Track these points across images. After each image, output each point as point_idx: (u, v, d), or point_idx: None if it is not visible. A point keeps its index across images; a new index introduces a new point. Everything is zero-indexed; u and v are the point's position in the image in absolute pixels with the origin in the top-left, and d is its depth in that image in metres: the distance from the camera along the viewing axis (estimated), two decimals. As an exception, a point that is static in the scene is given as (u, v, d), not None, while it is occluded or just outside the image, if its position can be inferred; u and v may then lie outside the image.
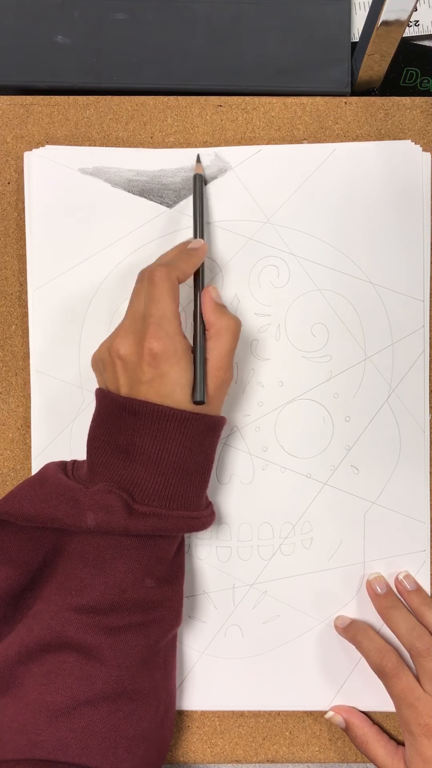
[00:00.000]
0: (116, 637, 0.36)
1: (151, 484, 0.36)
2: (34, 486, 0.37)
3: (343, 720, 0.44)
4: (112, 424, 0.37)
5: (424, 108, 0.46)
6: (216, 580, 0.45)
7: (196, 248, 0.41)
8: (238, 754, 0.45)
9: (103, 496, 0.36)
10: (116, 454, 0.37)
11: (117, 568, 0.36)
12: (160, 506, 0.36)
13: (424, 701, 0.39)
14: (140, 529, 0.36)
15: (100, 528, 0.35)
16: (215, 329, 0.39)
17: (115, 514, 0.35)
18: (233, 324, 0.39)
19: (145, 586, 0.37)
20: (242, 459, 0.45)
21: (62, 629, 0.36)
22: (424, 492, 0.45)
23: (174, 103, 0.46)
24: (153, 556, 0.37)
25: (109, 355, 0.38)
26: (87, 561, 0.36)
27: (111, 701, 0.36)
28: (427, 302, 0.45)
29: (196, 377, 0.38)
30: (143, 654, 0.37)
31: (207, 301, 0.40)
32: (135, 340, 0.37)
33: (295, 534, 0.45)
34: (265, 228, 0.45)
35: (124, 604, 0.36)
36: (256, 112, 0.46)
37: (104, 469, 0.37)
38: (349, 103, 0.46)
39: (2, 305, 0.46)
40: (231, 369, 0.39)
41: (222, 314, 0.39)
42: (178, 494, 0.37)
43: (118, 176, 0.45)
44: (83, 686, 0.35)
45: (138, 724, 0.37)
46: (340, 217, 0.45)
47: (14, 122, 0.46)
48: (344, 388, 0.45)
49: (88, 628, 0.36)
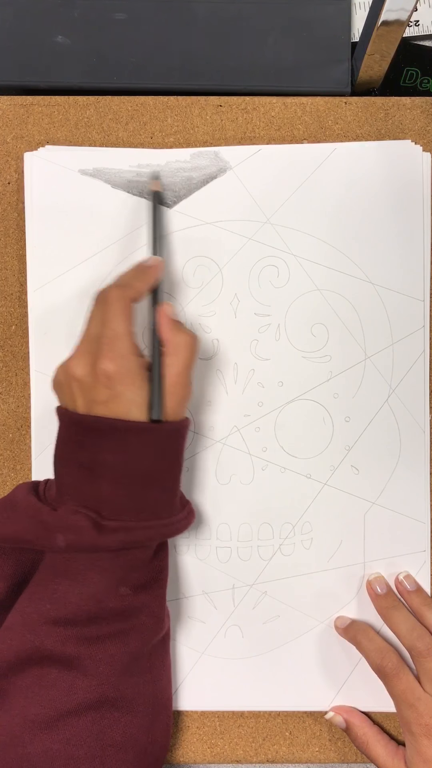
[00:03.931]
0: (95, 647, 0.36)
1: (117, 498, 0.36)
2: (6, 509, 0.38)
3: (344, 720, 0.44)
4: (74, 442, 0.37)
5: (424, 108, 0.46)
6: (216, 581, 0.45)
7: (151, 266, 0.41)
8: (238, 755, 0.45)
9: (70, 517, 0.36)
10: (81, 472, 0.37)
11: (90, 578, 0.36)
12: (129, 519, 0.36)
13: (424, 701, 0.39)
14: (111, 545, 0.36)
15: (71, 548, 0.36)
16: (171, 346, 0.39)
17: (84, 534, 0.35)
18: (190, 340, 0.39)
19: (120, 594, 0.37)
20: (242, 459, 0.45)
21: (41, 643, 0.36)
22: (424, 492, 0.45)
23: (174, 103, 0.46)
24: (126, 565, 0.37)
25: (65, 376, 0.38)
26: (58, 572, 0.37)
27: (94, 710, 0.36)
28: (427, 302, 0.45)
29: (153, 395, 0.37)
30: (124, 661, 0.37)
31: (162, 319, 0.39)
32: (89, 361, 0.37)
33: (295, 534, 0.45)
34: (265, 228, 0.45)
35: (100, 614, 0.37)
36: (256, 112, 0.46)
37: (70, 489, 0.37)
38: (349, 103, 0.46)
39: (2, 305, 0.46)
40: (189, 385, 0.39)
41: (178, 330, 0.39)
42: (147, 504, 0.37)
43: (118, 177, 0.45)
44: (66, 697, 0.36)
45: (125, 730, 0.37)
46: (340, 217, 0.45)
47: (14, 122, 0.46)
48: (344, 389, 0.45)
49: (66, 640, 0.36)
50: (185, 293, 0.45)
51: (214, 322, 0.45)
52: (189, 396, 0.39)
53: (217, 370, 0.45)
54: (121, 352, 0.37)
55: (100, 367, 0.36)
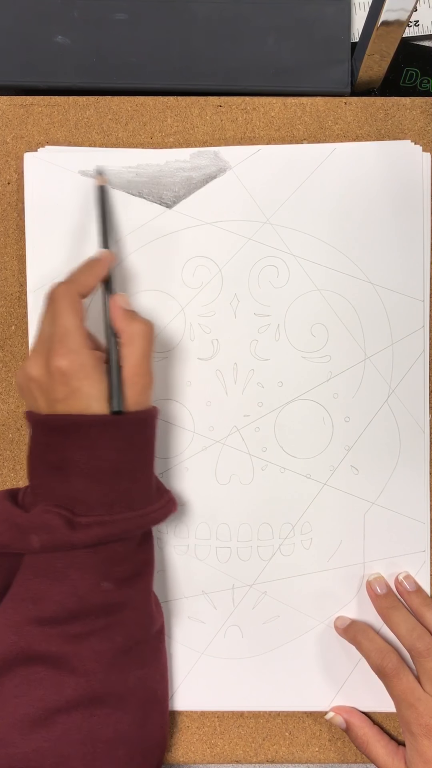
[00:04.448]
0: (81, 644, 0.36)
1: (89, 494, 0.36)
2: None
3: (344, 720, 0.44)
4: (43, 443, 0.37)
5: (424, 108, 0.46)
6: (216, 581, 0.45)
7: (99, 259, 0.41)
8: (238, 755, 0.45)
9: (42, 517, 0.36)
10: (51, 472, 0.37)
11: (71, 576, 0.36)
12: (103, 513, 0.36)
13: (424, 701, 0.39)
14: (86, 541, 0.36)
15: (45, 548, 0.36)
16: (127, 336, 0.38)
17: (57, 532, 0.35)
18: (145, 328, 0.39)
19: (103, 589, 0.37)
20: (242, 459, 0.45)
21: (27, 644, 0.36)
22: (424, 492, 0.45)
23: (174, 103, 0.46)
24: (107, 560, 0.37)
25: (25, 379, 0.38)
26: (39, 572, 0.37)
27: (84, 707, 0.36)
28: (427, 302, 0.45)
29: (112, 387, 0.37)
30: (111, 657, 0.37)
31: (115, 309, 0.39)
32: (43, 360, 0.37)
33: (295, 534, 0.45)
34: (265, 228, 0.45)
35: (83, 611, 0.36)
36: (255, 112, 0.46)
37: (43, 489, 0.37)
38: (349, 104, 0.46)
39: (2, 305, 0.47)
40: (149, 373, 0.39)
41: (132, 320, 0.39)
42: (120, 497, 0.37)
43: (118, 177, 0.45)
44: (54, 695, 0.36)
45: (116, 726, 0.37)
46: (340, 217, 0.45)
47: (14, 123, 0.46)
48: (344, 389, 0.45)
49: (51, 638, 0.36)
50: (185, 293, 0.45)
51: (214, 322, 0.45)
52: (151, 385, 0.39)
53: (217, 370, 0.45)
54: (72, 347, 0.37)
55: (53, 364, 0.36)
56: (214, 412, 0.45)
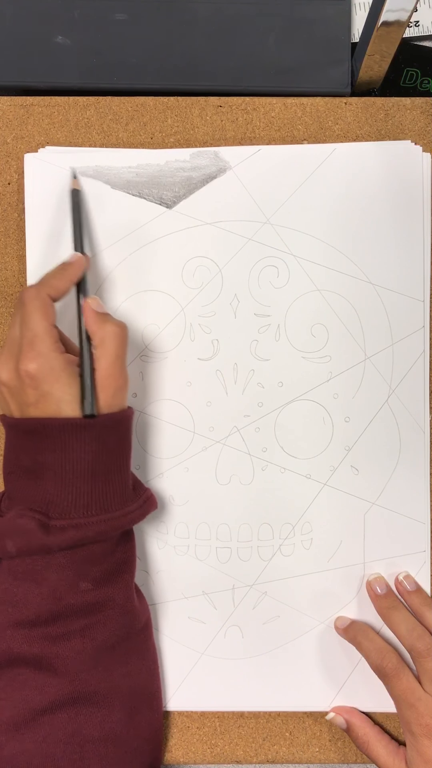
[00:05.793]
0: (61, 644, 0.36)
1: (63, 497, 0.36)
2: None
3: (345, 721, 0.44)
4: (17, 447, 0.37)
5: (424, 108, 0.46)
6: (216, 581, 0.45)
7: (71, 262, 0.41)
8: (238, 755, 0.45)
9: (16, 521, 0.36)
10: (26, 475, 0.37)
11: (48, 577, 0.36)
12: (77, 516, 0.36)
13: (424, 702, 0.39)
14: (61, 544, 0.36)
15: (21, 552, 0.36)
16: (98, 338, 0.38)
17: (32, 536, 0.35)
18: (117, 330, 0.39)
19: (81, 590, 0.37)
20: (242, 460, 0.45)
21: (8, 647, 0.36)
22: (424, 492, 0.45)
23: (174, 104, 0.46)
24: (85, 560, 0.37)
25: None
26: (17, 575, 0.37)
27: (69, 707, 0.36)
28: (427, 302, 0.45)
29: (84, 390, 0.37)
30: (94, 656, 0.37)
31: (87, 312, 0.39)
32: (13, 364, 0.37)
33: (295, 535, 0.45)
34: (265, 228, 0.45)
35: (63, 612, 0.37)
36: (256, 113, 0.46)
37: (19, 494, 0.37)
38: (349, 104, 0.46)
39: (2, 305, 0.46)
40: (123, 375, 0.39)
41: (104, 322, 0.39)
42: (95, 499, 0.37)
43: (118, 177, 0.45)
44: (38, 696, 0.36)
45: (102, 725, 0.37)
46: (340, 217, 0.45)
47: (14, 123, 0.46)
48: (344, 389, 0.45)
49: (32, 641, 0.36)
50: (185, 293, 0.45)
51: (214, 322, 0.45)
52: (125, 386, 0.39)
53: (217, 371, 0.45)
54: (41, 350, 0.36)
55: (22, 368, 0.36)
56: (215, 412, 0.45)
